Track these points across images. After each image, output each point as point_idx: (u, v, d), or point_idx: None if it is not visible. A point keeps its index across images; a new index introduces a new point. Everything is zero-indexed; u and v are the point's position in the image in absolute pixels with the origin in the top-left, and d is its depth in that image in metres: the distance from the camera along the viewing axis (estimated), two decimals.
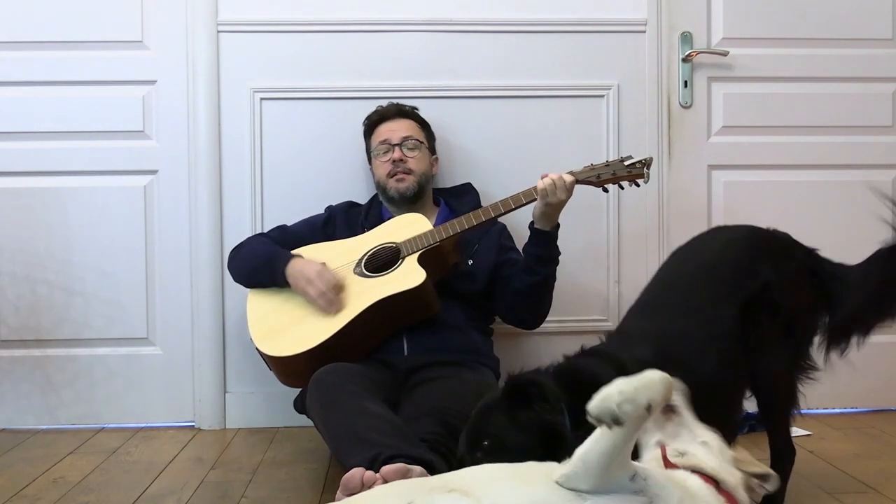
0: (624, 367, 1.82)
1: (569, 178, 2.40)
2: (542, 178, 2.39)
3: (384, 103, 2.75)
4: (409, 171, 2.61)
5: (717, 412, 1.66)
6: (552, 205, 2.39)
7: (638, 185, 2.51)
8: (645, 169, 2.46)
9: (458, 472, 1.56)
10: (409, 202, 2.62)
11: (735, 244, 2.09)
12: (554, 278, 2.51)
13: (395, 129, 2.67)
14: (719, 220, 2.96)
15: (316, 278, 2.40)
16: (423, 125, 2.73)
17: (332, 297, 2.39)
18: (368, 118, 2.74)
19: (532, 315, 2.57)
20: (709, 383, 1.77)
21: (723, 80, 2.97)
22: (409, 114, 2.72)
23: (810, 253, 2.11)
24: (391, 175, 2.61)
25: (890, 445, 2.58)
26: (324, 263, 2.45)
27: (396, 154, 2.62)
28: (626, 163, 2.47)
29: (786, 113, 2.98)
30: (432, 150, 2.75)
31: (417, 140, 2.67)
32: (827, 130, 2.99)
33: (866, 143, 3.00)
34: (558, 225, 2.45)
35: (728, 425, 1.78)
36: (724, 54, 2.93)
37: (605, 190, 2.55)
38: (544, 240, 2.44)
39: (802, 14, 2.98)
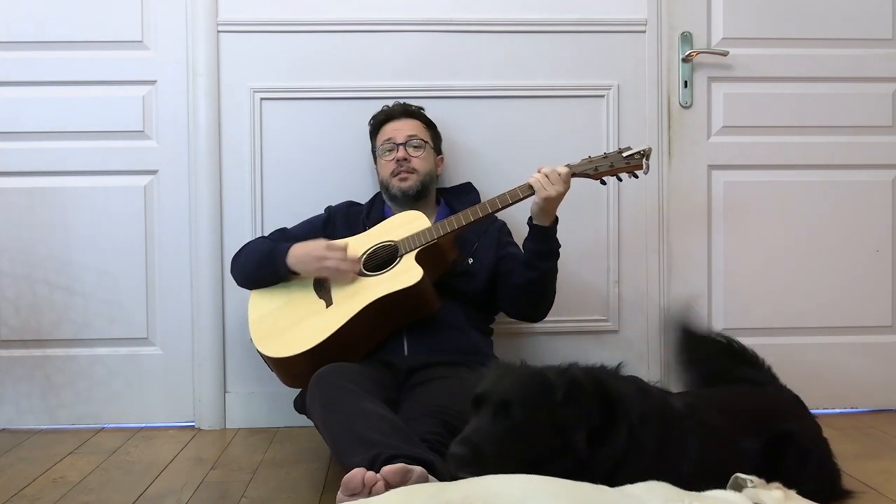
0: (647, 394, 1.85)
1: (563, 170, 2.40)
2: (537, 171, 2.40)
3: (385, 103, 2.75)
4: (412, 171, 2.61)
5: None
6: (547, 199, 2.38)
7: (636, 177, 2.50)
8: (644, 160, 2.45)
9: (482, 481, 1.41)
10: (412, 201, 2.61)
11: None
12: (555, 271, 2.51)
13: (399, 129, 2.66)
14: (719, 220, 2.97)
15: (326, 253, 2.42)
16: (429, 125, 2.73)
17: (350, 264, 2.42)
18: (374, 117, 2.74)
19: (535, 309, 2.57)
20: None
21: (723, 80, 2.97)
22: (415, 113, 2.72)
23: None
24: (394, 174, 2.61)
25: (890, 445, 2.58)
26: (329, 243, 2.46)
27: (400, 153, 2.61)
28: (625, 154, 2.46)
29: (786, 113, 2.98)
30: (438, 151, 2.74)
31: (422, 139, 2.66)
32: (827, 130, 2.99)
33: (866, 143, 3.00)
34: (557, 219, 2.45)
35: None
36: (724, 54, 2.93)
37: (603, 182, 2.54)
38: (543, 235, 2.44)
39: (802, 14, 2.98)
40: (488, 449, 1.66)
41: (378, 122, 2.72)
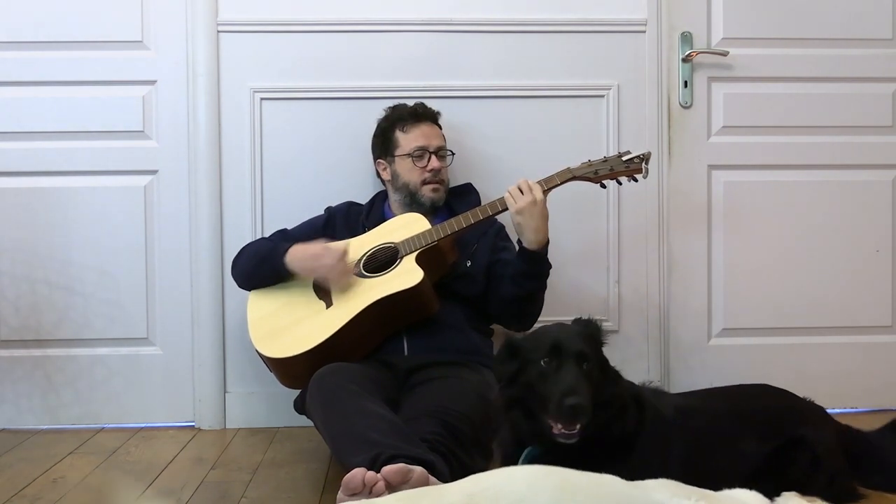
0: (639, 398, 1.89)
1: (532, 182, 2.38)
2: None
3: (385, 103, 2.74)
4: (441, 182, 2.62)
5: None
6: (518, 212, 2.34)
7: (636, 181, 2.51)
8: (643, 164, 2.45)
9: (484, 480, 1.37)
10: (432, 209, 2.62)
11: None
12: (543, 288, 2.49)
13: (431, 136, 2.63)
14: (719, 220, 2.97)
15: (323, 253, 2.41)
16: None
17: (344, 267, 2.39)
18: (397, 115, 2.67)
19: (518, 321, 2.55)
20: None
21: (723, 80, 2.97)
22: (437, 120, 2.70)
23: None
24: (427, 182, 2.60)
25: None
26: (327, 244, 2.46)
27: (436, 164, 2.60)
28: (624, 158, 2.46)
29: (786, 113, 2.98)
30: None
31: (448, 151, 2.68)
32: (827, 130, 2.99)
33: (866, 143, 3.00)
34: (547, 242, 2.41)
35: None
36: (724, 54, 2.93)
37: (603, 186, 2.54)
38: (529, 258, 2.40)
39: (802, 14, 2.98)
40: (588, 397, 1.77)
41: (403, 121, 2.65)
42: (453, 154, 2.71)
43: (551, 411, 1.76)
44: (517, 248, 2.44)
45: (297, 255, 2.46)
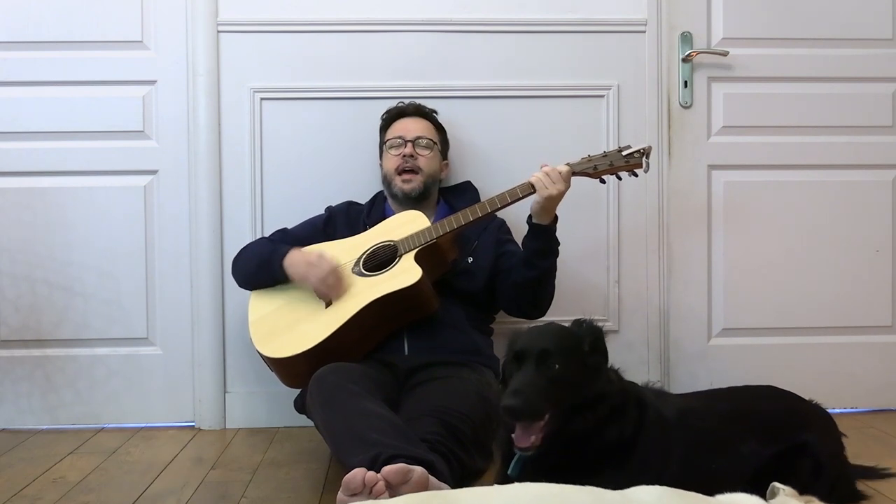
0: (641, 398, 1.88)
1: (564, 169, 2.41)
2: (540, 168, 2.41)
3: (385, 103, 2.76)
4: (416, 170, 2.62)
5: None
6: (549, 198, 2.38)
7: (636, 175, 2.50)
8: (644, 158, 2.45)
9: (493, 493, 1.39)
10: (413, 202, 2.62)
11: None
12: (555, 269, 2.51)
13: (410, 127, 2.67)
14: (719, 220, 2.97)
15: (317, 261, 2.42)
16: (440, 129, 2.74)
17: (332, 282, 2.40)
18: (387, 112, 2.74)
19: (535, 307, 2.56)
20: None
21: (723, 80, 2.97)
22: (428, 115, 2.73)
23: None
24: (399, 171, 2.61)
25: (890, 445, 2.58)
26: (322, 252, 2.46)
27: (407, 149, 2.62)
28: (624, 153, 2.46)
29: (786, 113, 2.98)
30: (444, 155, 2.75)
31: (431, 140, 2.67)
32: (827, 130, 2.99)
33: (866, 143, 3.00)
34: (556, 218, 2.45)
35: None
36: (724, 54, 2.93)
37: (603, 181, 2.54)
38: (543, 234, 2.44)
39: (802, 14, 2.98)
40: (537, 398, 1.74)
41: (390, 118, 2.72)
42: (437, 144, 2.69)
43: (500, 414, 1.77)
44: (528, 228, 2.46)
45: (294, 261, 2.46)
